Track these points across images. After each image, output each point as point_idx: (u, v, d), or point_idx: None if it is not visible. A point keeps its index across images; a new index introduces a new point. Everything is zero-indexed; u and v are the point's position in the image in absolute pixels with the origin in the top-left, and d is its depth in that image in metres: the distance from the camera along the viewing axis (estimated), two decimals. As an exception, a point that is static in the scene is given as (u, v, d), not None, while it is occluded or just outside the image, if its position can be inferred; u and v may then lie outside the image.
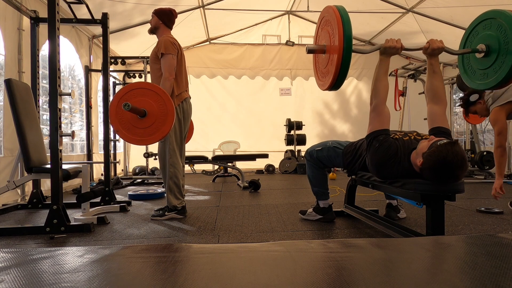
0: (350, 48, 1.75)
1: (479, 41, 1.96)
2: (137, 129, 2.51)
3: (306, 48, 1.97)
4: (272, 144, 7.82)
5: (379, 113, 2.00)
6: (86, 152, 5.45)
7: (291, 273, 0.99)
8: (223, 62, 7.85)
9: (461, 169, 1.66)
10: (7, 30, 3.62)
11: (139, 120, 2.49)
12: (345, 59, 1.75)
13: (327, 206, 2.66)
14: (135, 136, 2.52)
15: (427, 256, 1.16)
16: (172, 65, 2.74)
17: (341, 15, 1.78)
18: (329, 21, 1.88)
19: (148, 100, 2.48)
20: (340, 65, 1.76)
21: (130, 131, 2.51)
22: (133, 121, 2.49)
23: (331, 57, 1.84)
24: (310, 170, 2.68)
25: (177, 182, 2.82)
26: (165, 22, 2.89)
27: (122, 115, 2.49)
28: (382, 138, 1.93)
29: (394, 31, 7.03)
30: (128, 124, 2.50)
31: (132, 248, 1.30)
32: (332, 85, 1.87)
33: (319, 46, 1.98)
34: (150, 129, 2.50)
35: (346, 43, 1.74)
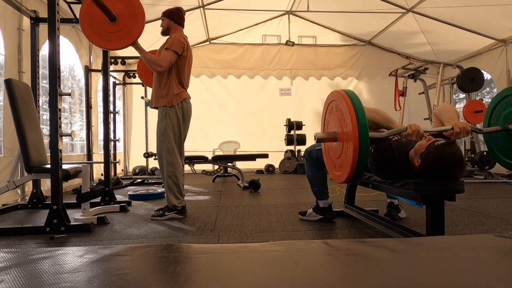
0: (366, 137, 1.58)
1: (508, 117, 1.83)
2: (108, 34, 2.50)
3: (314, 137, 1.82)
4: (272, 144, 7.82)
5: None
6: (86, 152, 5.45)
7: (291, 273, 0.99)
8: (223, 62, 7.86)
9: (459, 169, 1.68)
10: (7, 30, 3.62)
11: (109, 25, 2.49)
12: (362, 148, 1.59)
13: (327, 206, 2.65)
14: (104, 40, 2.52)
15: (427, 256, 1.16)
16: (170, 61, 2.74)
17: (353, 102, 1.63)
18: (338, 107, 1.75)
19: (118, 3, 2.48)
20: (357, 157, 1.60)
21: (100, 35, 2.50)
22: (104, 26, 2.49)
23: (346, 147, 1.70)
24: (309, 169, 2.68)
25: (176, 181, 2.82)
26: (177, 21, 2.92)
27: (92, 17, 2.48)
28: (377, 142, 1.93)
29: (394, 31, 7.04)
30: (98, 29, 2.50)
31: (132, 248, 1.30)
32: (350, 176, 1.71)
33: (329, 134, 1.84)
34: (121, 33, 2.50)
35: (361, 133, 1.58)
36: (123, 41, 2.52)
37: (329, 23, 7.69)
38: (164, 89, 2.81)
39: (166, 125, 2.79)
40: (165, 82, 2.81)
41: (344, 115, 1.68)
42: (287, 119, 7.38)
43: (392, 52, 8.02)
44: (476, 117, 5.44)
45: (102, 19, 2.48)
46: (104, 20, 2.48)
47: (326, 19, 7.51)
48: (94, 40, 2.53)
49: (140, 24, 2.51)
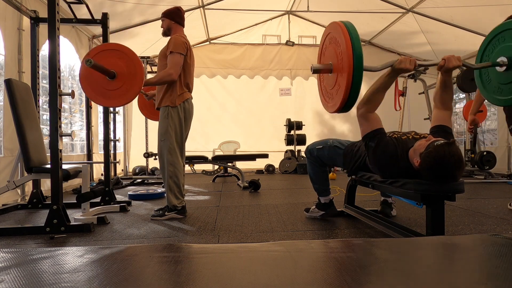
0: (361, 67, 1.59)
1: (500, 53, 1.81)
2: (108, 91, 2.50)
3: (311, 68, 1.82)
4: (272, 144, 7.81)
5: (367, 119, 1.99)
6: (86, 152, 5.45)
7: (291, 273, 0.99)
8: (223, 62, 7.86)
9: (458, 169, 1.68)
10: (7, 30, 3.62)
11: (109, 82, 2.49)
12: (355, 79, 1.59)
13: (328, 202, 2.71)
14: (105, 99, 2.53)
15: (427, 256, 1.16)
16: (178, 64, 2.73)
17: (349, 31, 1.63)
18: (335, 39, 1.74)
19: (117, 61, 2.48)
20: (350, 86, 1.61)
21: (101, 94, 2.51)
22: (104, 84, 2.49)
23: (340, 77, 1.70)
24: (311, 167, 2.70)
25: (177, 181, 2.82)
26: (177, 21, 2.91)
27: (92, 78, 2.48)
28: (378, 137, 1.94)
29: (394, 31, 7.04)
30: (99, 87, 2.50)
31: (132, 248, 1.30)
32: (341, 107, 1.73)
33: (324, 65, 1.83)
34: (121, 90, 2.50)
35: (356, 63, 1.58)
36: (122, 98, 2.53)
37: (329, 23, 7.67)
38: (168, 89, 2.81)
39: (168, 125, 2.79)
40: (169, 84, 2.81)
41: (340, 45, 1.67)
42: (287, 119, 7.38)
43: (392, 52, 8.02)
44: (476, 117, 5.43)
45: (101, 77, 2.49)
46: (103, 78, 2.50)
47: (326, 19, 7.49)
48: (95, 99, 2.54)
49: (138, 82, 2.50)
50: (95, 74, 2.46)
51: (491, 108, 6.85)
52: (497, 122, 6.38)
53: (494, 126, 6.72)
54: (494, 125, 6.71)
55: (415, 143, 1.87)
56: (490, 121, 6.95)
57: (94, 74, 2.46)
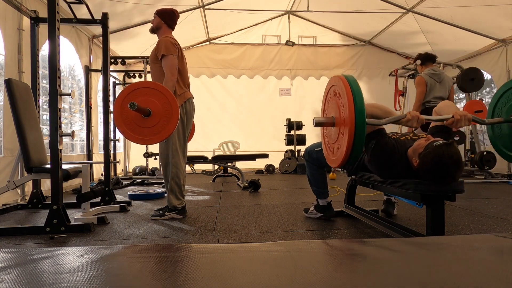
0: (363, 122, 1.55)
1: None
2: (142, 129, 2.46)
3: (313, 121, 1.81)
4: (272, 144, 7.82)
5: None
6: (86, 152, 5.45)
7: (291, 273, 0.99)
8: (223, 62, 7.86)
9: (457, 170, 1.68)
10: (7, 30, 3.62)
11: (144, 120, 2.46)
12: (357, 134, 1.56)
13: (326, 204, 2.71)
14: (140, 136, 2.48)
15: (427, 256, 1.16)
16: (174, 65, 2.73)
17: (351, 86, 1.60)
18: (337, 92, 1.73)
19: (152, 99, 2.46)
20: (352, 142, 1.57)
21: (135, 131, 2.47)
22: (138, 121, 2.46)
23: (341, 132, 1.68)
24: (309, 169, 2.71)
25: (178, 182, 2.82)
26: (168, 22, 2.90)
27: (127, 115, 2.45)
28: (377, 138, 1.94)
29: (394, 31, 7.04)
30: (133, 124, 2.46)
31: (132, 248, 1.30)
32: (344, 162, 1.68)
33: (327, 119, 1.81)
34: (155, 128, 2.46)
35: (358, 117, 1.54)
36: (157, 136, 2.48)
37: (329, 23, 7.69)
38: None
39: None
40: None
41: (342, 99, 1.65)
42: (287, 119, 7.38)
43: (392, 52, 8.02)
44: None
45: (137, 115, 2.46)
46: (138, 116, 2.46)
47: (326, 19, 7.51)
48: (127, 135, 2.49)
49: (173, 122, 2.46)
50: (131, 112, 2.41)
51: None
52: (497, 122, 6.37)
53: (494, 126, 6.71)
54: (494, 125, 6.70)
55: (414, 143, 1.87)
56: (490, 121, 6.94)
57: (129, 112, 2.41)
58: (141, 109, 2.37)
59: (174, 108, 2.48)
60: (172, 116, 2.47)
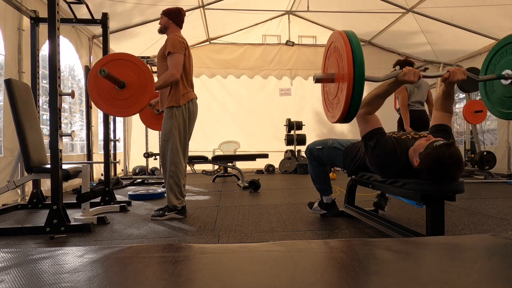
0: (362, 75, 1.56)
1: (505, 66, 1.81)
2: (117, 101, 2.46)
3: (313, 77, 1.81)
4: (272, 144, 7.81)
5: (366, 120, 2.01)
6: (86, 152, 5.45)
7: (291, 273, 0.99)
8: (223, 62, 7.86)
9: (457, 170, 1.68)
10: (7, 30, 3.62)
11: (118, 92, 2.46)
12: (356, 88, 1.56)
13: (330, 202, 2.74)
14: (114, 108, 2.48)
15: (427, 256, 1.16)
16: (179, 64, 2.73)
17: (350, 40, 1.61)
18: (336, 47, 1.73)
19: (128, 71, 2.45)
20: (351, 96, 1.58)
21: (109, 102, 2.47)
22: (112, 93, 2.45)
23: (341, 87, 1.68)
24: (311, 167, 2.72)
25: (178, 181, 2.82)
26: (175, 21, 2.91)
27: (101, 86, 2.44)
28: (377, 136, 1.94)
29: (394, 31, 7.04)
30: (107, 96, 2.46)
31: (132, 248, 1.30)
32: (342, 117, 1.70)
33: (327, 75, 1.82)
34: (130, 101, 2.46)
35: (357, 70, 1.55)
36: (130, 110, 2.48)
37: (329, 23, 7.68)
38: (172, 89, 2.80)
39: (171, 125, 2.79)
40: None
41: (341, 54, 1.65)
42: (287, 119, 7.38)
43: (392, 52, 8.02)
44: (476, 117, 5.44)
45: (110, 86, 2.45)
46: (112, 87, 2.46)
47: (326, 19, 7.50)
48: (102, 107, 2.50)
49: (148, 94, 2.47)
50: (104, 82, 2.42)
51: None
52: (497, 122, 6.38)
53: (494, 126, 6.72)
54: (494, 125, 6.71)
55: (414, 142, 1.87)
56: (490, 121, 6.95)
57: (104, 83, 2.42)
58: (113, 77, 2.33)
59: (149, 81, 2.47)
60: (146, 89, 2.46)
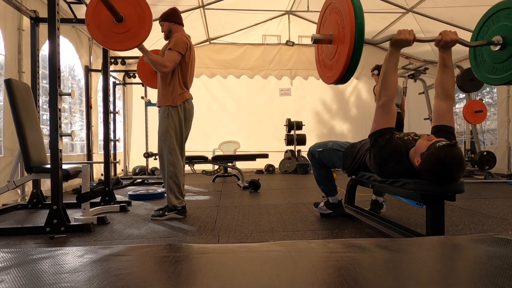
0: (362, 37, 1.57)
1: (495, 32, 1.82)
2: (116, 35, 2.48)
3: (311, 37, 1.81)
4: (272, 144, 7.82)
5: (387, 111, 1.95)
6: (86, 152, 5.45)
7: (291, 273, 0.99)
8: (223, 62, 7.86)
9: (459, 171, 1.68)
10: (7, 30, 3.62)
11: (117, 26, 2.47)
12: (356, 50, 1.58)
13: (336, 202, 2.74)
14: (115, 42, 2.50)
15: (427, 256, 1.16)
16: (174, 61, 2.74)
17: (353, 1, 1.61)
18: (337, 8, 1.72)
19: (125, 5, 2.47)
20: (351, 57, 1.59)
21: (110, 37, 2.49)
22: (111, 27, 2.47)
23: (340, 48, 1.67)
24: (314, 169, 2.74)
25: (177, 181, 2.82)
26: (176, 21, 2.92)
27: (100, 22, 2.46)
28: (388, 136, 1.92)
29: (394, 31, 6.98)
30: (107, 31, 2.48)
31: (132, 248, 1.30)
32: (340, 78, 1.70)
33: (325, 36, 1.81)
34: (129, 34, 2.49)
35: (358, 32, 1.55)
36: (128, 43, 2.50)
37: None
38: (169, 89, 2.81)
39: (168, 125, 2.80)
40: (169, 82, 2.82)
41: (342, 14, 1.65)
42: (287, 119, 7.38)
43: (392, 52, 8.01)
44: (476, 117, 5.44)
45: (109, 19, 2.47)
46: (111, 21, 2.47)
47: (326, 19, 7.50)
48: (100, 40, 2.50)
49: (147, 27, 2.49)
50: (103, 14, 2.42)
51: (491, 108, 6.85)
52: (497, 122, 6.38)
53: (494, 126, 6.72)
54: (494, 125, 6.71)
55: (415, 143, 1.87)
56: (490, 121, 6.95)
57: (102, 14, 2.43)
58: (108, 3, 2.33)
59: (147, 13, 2.48)
60: (145, 21, 2.48)
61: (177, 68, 2.81)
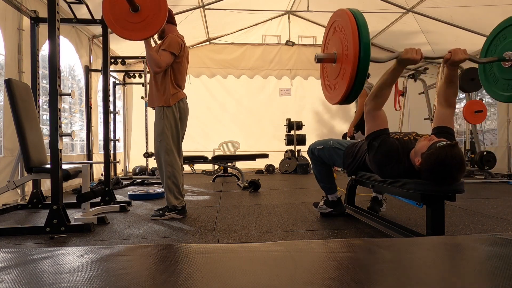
0: (367, 57, 1.51)
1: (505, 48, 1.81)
2: (130, 24, 2.47)
3: (315, 57, 1.77)
4: (272, 144, 7.82)
5: (374, 117, 1.99)
6: (86, 152, 5.45)
7: (291, 273, 0.99)
8: (223, 62, 7.86)
9: (459, 171, 1.68)
10: (7, 30, 3.62)
11: (133, 15, 2.47)
12: (361, 68, 1.52)
13: (336, 200, 2.74)
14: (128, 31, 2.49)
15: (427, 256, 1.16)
16: (167, 62, 2.73)
17: (357, 19, 1.56)
18: (340, 26, 1.68)
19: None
20: (355, 75, 1.54)
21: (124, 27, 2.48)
22: (127, 16, 2.46)
23: (344, 66, 1.63)
24: (314, 166, 2.73)
25: (176, 181, 2.82)
26: (169, 21, 2.91)
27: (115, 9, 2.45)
28: (383, 138, 1.93)
29: (394, 31, 7.04)
30: (122, 20, 2.47)
31: (132, 248, 1.30)
32: (343, 99, 1.66)
33: (328, 55, 1.77)
34: (144, 23, 2.48)
35: (363, 51, 1.50)
36: (143, 32, 2.48)
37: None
38: (161, 89, 2.81)
39: (163, 125, 2.79)
40: (161, 82, 2.81)
41: (345, 33, 1.60)
42: (287, 119, 7.38)
43: (392, 52, 8.01)
44: (476, 117, 5.44)
45: (125, 8, 2.46)
46: (126, 9, 2.46)
47: (326, 19, 7.42)
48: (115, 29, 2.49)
49: (162, 17, 2.47)
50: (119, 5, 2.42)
51: (491, 108, 6.85)
52: (497, 122, 6.38)
53: (494, 126, 6.72)
54: (494, 125, 6.71)
55: (416, 143, 1.87)
56: (490, 121, 6.95)
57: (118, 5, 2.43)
58: None
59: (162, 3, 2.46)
60: (160, 8, 2.46)
61: (169, 68, 2.80)
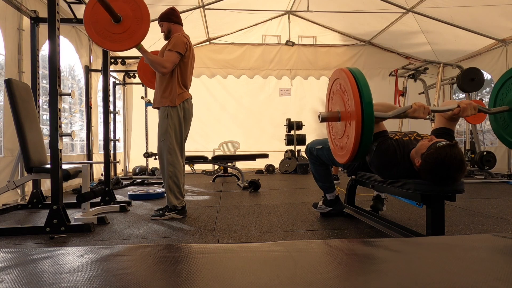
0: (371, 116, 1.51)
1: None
2: (113, 35, 2.48)
3: (318, 116, 1.78)
4: (272, 144, 7.82)
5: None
6: (86, 152, 5.45)
7: (291, 273, 0.99)
8: (223, 62, 7.86)
9: (459, 171, 1.67)
10: (7, 30, 3.62)
11: (115, 26, 2.47)
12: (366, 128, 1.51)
13: (334, 198, 2.75)
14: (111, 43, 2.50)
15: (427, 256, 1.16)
16: (173, 62, 2.74)
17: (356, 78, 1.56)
18: (341, 86, 1.69)
19: (122, 5, 2.47)
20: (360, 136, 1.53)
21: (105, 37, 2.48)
22: (109, 27, 2.47)
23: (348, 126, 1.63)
24: (312, 165, 2.73)
25: (177, 181, 2.82)
26: (175, 21, 2.92)
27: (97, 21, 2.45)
28: (380, 140, 1.92)
29: (394, 31, 7.04)
30: (104, 31, 2.47)
31: (132, 248, 1.30)
32: (352, 158, 1.65)
33: (332, 114, 1.77)
34: (126, 34, 2.49)
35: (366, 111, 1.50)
36: (126, 43, 2.49)
37: (329, 23, 7.68)
38: (167, 89, 2.81)
39: (167, 125, 2.80)
40: (167, 83, 2.81)
41: (347, 92, 1.61)
42: (287, 119, 7.38)
43: (392, 52, 8.02)
44: (476, 117, 5.44)
45: (106, 20, 2.46)
46: (108, 21, 2.47)
47: (326, 19, 7.51)
48: (97, 40, 2.50)
49: (144, 27, 2.49)
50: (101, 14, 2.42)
51: (491, 108, 6.84)
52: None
53: (494, 126, 6.71)
54: (494, 125, 6.70)
55: (417, 144, 1.87)
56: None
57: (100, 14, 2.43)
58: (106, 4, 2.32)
59: (144, 13, 2.48)
60: (142, 20, 2.47)
61: (176, 68, 2.81)
